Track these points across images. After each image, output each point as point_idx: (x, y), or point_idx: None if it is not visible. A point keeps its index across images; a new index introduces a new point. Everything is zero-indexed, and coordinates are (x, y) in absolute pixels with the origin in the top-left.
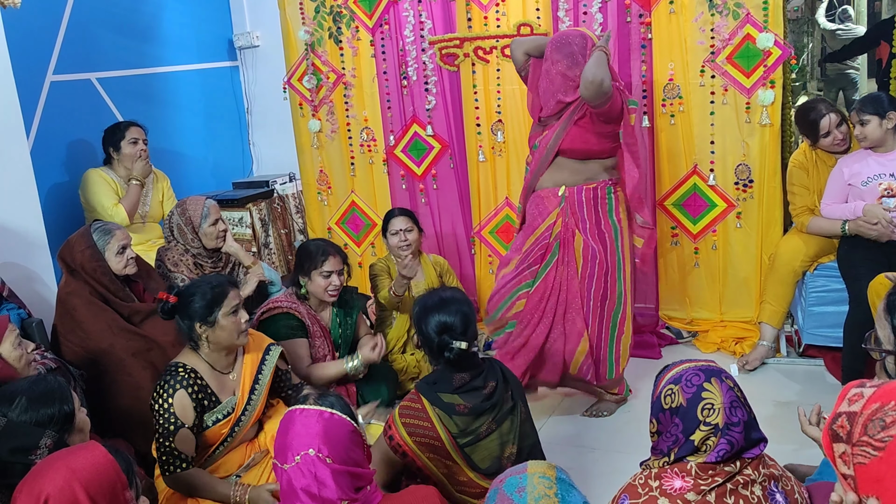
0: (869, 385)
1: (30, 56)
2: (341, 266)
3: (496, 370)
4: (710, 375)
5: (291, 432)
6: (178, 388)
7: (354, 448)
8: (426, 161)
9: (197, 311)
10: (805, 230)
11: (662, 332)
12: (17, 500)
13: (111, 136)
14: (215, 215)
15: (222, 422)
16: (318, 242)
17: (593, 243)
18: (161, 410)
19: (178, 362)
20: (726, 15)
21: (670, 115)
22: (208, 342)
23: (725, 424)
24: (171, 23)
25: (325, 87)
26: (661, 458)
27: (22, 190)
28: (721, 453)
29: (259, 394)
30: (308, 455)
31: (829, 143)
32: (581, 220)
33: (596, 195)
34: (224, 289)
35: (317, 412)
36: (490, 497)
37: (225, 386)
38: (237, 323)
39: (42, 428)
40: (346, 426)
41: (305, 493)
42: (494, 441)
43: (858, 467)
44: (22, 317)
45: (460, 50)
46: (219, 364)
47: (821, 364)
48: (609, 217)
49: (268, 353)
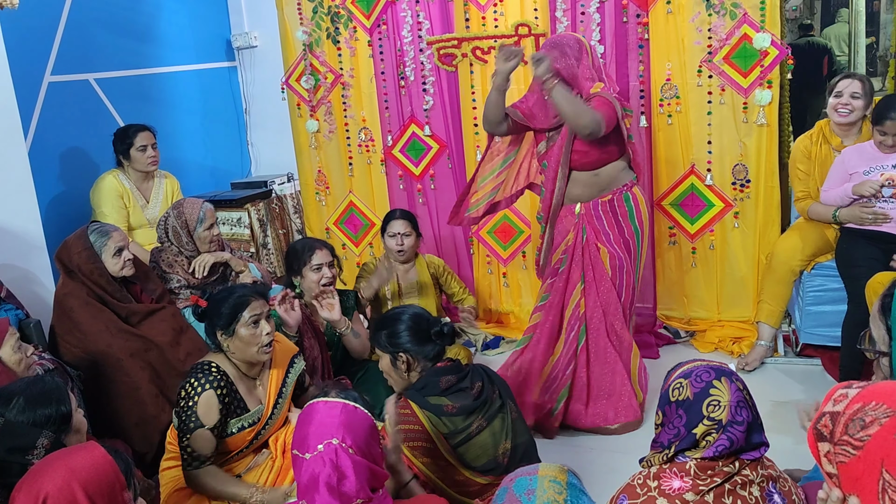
0: (855, 386)
1: (27, 56)
2: (330, 258)
3: (480, 372)
4: (721, 374)
5: (315, 421)
6: (209, 388)
7: (374, 443)
8: (424, 161)
9: (218, 319)
10: (806, 215)
11: (660, 332)
12: (15, 500)
13: (120, 142)
14: (211, 220)
15: (247, 430)
16: (302, 240)
17: (619, 253)
18: (184, 406)
19: (209, 361)
20: (723, 15)
21: (668, 116)
22: (230, 350)
23: (728, 422)
24: (169, 23)
25: (323, 87)
26: (660, 451)
27: (20, 191)
28: (720, 449)
29: (282, 405)
30: (331, 444)
31: (834, 104)
32: (603, 231)
33: (613, 206)
34: (246, 299)
35: (340, 404)
36: (499, 495)
37: (252, 392)
38: (256, 336)
39: (39, 428)
40: (368, 420)
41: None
42: (487, 438)
43: (840, 466)
44: (20, 318)
45: (458, 50)
46: (246, 370)
47: (818, 363)
48: (631, 222)
49: (292, 365)
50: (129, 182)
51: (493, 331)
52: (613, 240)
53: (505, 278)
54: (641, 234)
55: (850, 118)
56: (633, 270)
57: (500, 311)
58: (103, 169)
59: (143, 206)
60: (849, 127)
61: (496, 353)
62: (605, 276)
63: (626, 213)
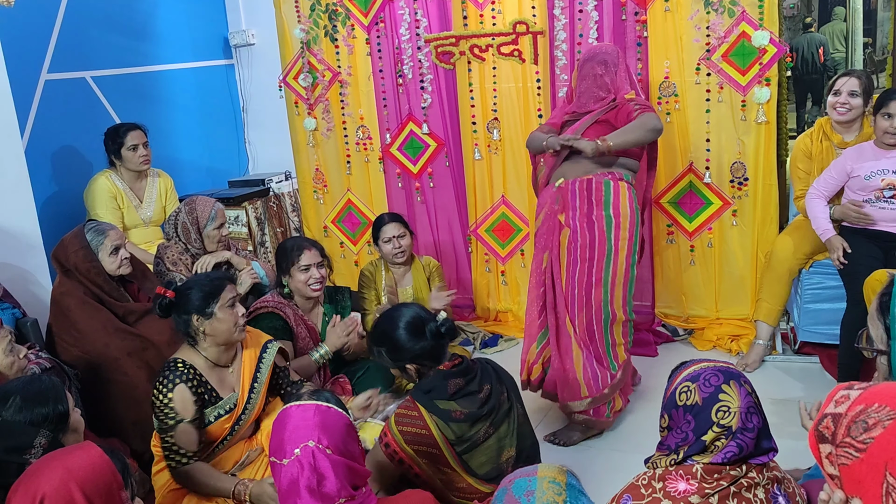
0: (857, 387)
1: (24, 54)
2: (319, 258)
3: (489, 371)
4: (730, 378)
5: (289, 426)
6: (178, 382)
7: (351, 441)
8: (422, 159)
9: (194, 303)
10: (804, 213)
11: (658, 330)
12: (12, 500)
13: (111, 142)
14: (221, 219)
15: (224, 418)
16: (292, 239)
17: (580, 230)
18: (161, 405)
19: (176, 358)
20: (722, 13)
21: (666, 113)
22: (206, 336)
23: (739, 428)
24: (166, 21)
25: (320, 85)
26: (667, 454)
27: (16, 189)
28: (729, 455)
29: (258, 391)
30: (308, 446)
31: (832, 102)
32: (572, 208)
33: (590, 186)
34: (222, 282)
35: (313, 405)
36: (498, 496)
37: (224, 381)
38: (234, 316)
39: (36, 427)
40: (343, 419)
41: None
42: (492, 445)
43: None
44: (17, 317)
45: (456, 48)
46: (218, 359)
47: (816, 361)
48: (604, 209)
49: (266, 350)
50: (122, 182)
51: (492, 329)
52: (579, 218)
53: (503, 276)
54: (616, 227)
55: (848, 116)
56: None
57: (497, 309)
58: (99, 167)
59: (136, 207)
60: (848, 124)
61: (494, 351)
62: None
63: (602, 197)
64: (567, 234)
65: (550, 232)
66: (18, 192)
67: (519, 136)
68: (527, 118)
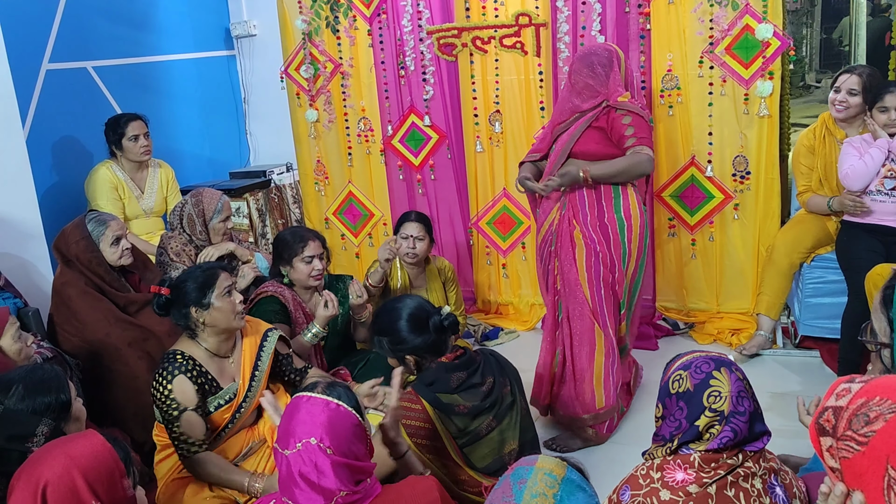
0: (858, 380)
1: (25, 44)
2: (321, 250)
3: (492, 363)
4: (721, 365)
5: (296, 419)
6: (177, 373)
7: (357, 442)
8: (424, 151)
9: (191, 295)
10: (806, 208)
11: (659, 324)
12: (15, 488)
13: (112, 132)
14: (227, 212)
15: (224, 407)
16: (293, 230)
17: (593, 234)
18: (162, 398)
19: (175, 349)
20: (725, 5)
21: (668, 107)
22: (205, 326)
23: (731, 412)
24: (168, 11)
25: (322, 76)
26: (663, 444)
27: (18, 179)
28: (724, 441)
29: (259, 379)
30: (310, 444)
31: (832, 99)
32: (582, 212)
33: (599, 190)
34: (215, 271)
35: (323, 402)
36: (499, 481)
37: (225, 371)
38: (231, 304)
39: (39, 416)
40: (351, 419)
41: (304, 481)
42: (495, 438)
43: (844, 461)
44: (18, 306)
45: (458, 40)
46: (217, 349)
47: (817, 355)
48: (615, 211)
49: (266, 338)
50: (123, 173)
51: (493, 322)
52: (591, 222)
53: (504, 269)
54: (628, 229)
55: (845, 114)
56: (614, 265)
57: (499, 302)
58: (101, 157)
59: (138, 197)
60: (850, 120)
61: (495, 344)
62: (573, 259)
63: (611, 200)
64: (580, 234)
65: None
66: (19, 182)
67: (521, 129)
68: (529, 111)
